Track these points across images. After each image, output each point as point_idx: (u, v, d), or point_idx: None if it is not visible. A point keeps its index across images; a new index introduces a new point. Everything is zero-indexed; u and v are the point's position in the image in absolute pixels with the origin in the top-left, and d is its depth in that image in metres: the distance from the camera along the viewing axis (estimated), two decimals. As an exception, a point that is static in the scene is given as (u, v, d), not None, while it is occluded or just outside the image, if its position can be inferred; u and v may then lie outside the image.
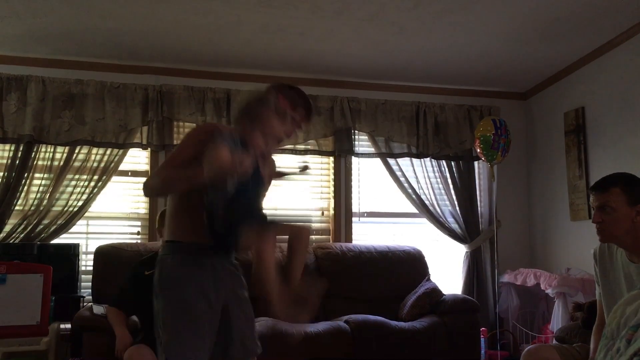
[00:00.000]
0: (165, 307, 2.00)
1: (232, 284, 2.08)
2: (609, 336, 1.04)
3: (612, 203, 2.30)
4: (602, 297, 2.49)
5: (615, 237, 2.35)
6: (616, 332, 1.02)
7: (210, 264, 2.02)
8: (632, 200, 2.30)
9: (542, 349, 2.60)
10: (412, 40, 4.21)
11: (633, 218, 2.29)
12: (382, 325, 3.73)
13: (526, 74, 4.92)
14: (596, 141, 4.45)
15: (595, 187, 2.39)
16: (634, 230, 2.30)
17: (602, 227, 2.34)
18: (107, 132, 4.32)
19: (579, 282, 4.19)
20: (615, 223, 2.30)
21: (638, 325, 0.95)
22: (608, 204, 2.31)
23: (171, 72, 4.55)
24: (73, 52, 4.27)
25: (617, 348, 0.97)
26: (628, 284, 2.35)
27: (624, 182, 2.34)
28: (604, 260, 2.50)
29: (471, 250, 4.97)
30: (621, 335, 0.98)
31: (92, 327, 3.32)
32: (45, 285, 3.56)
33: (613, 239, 2.37)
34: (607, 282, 2.47)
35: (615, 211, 2.29)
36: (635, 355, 0.88)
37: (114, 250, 3.99)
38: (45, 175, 4.24)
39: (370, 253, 4.43)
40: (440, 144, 4.97)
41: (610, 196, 2.31)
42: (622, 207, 2.29)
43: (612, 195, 2.31)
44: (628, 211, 2.29)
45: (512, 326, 4.82)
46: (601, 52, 4.36)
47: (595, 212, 2.36)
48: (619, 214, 2.29)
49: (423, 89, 5.05)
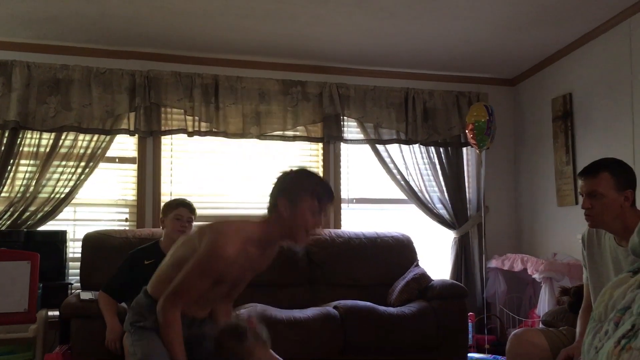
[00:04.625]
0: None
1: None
2: (596, 319, 1.05)
3: (601, 189, 2.30)
4: (589, 281, 2.51)
5: (605, 223, 2.35)
6: (604, 315, 1.03)
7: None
8: (620, 186, 2.31)
9: (529, 333, 2.63)
10: (402, 26, 4.20)
11: (621, 203, 2.30)
12: (371, 311, 3.75)
13: (514, 60, 4.93)
14: (583, 127, 4.48)
15: (584, 172, 2.39)
16: (622, 215, 2.31)
17: (591, 213, 2.34)
18: (94, 118, 4.28)
19: (566, 267, 4.23)
20: (605, 209, 2.30)
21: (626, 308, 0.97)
22: (597, 189, 2.31)
23: (158, 57, 4.51)
24: (58, 36, 4.21)
25: (605, 331, 0.98)
26: (616, 268, 2.37)
27: (612, 167, 2.34)
28: (592, 244, 2.51)
29: (459, 236, 5.00)
30: (609, 318, 1.00)
31: (80, 314, 3.30)
32: (32, 273, 3.52)
33: (602, 224, 2.37)
34: (594, 266, 2.49)
35: (604, 197, 2.30)
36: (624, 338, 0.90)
37: (102, 237, 3.98)
38: (31, 162, 4.20)
39: (359, 239, 4.44)
40: (428, 130, 4.97)
41: (599, 182, 2.31)
42: (611, 193, 2.30)
43: (601, 181, 2.31)
44: (616, 196, 2.30)
45: (499, 311, 4.87)
46: (588, 38, 4.37)
47: (585, 198, 2.36)
48: (607, 199, 2.30)
49: (412, 75, 5.04)
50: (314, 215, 2.01)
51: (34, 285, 3.52)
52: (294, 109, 4.70)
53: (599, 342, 0.98)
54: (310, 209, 2.00)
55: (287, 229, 2.04)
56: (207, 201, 4.48)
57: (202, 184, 4.58)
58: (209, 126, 4.52)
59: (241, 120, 4.55)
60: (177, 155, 4.61)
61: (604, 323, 1.03)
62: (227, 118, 4.54)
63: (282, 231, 2.06)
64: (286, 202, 2.01)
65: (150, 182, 4.50)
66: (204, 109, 4.49)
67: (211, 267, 2.02)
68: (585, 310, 2.54)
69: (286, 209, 2.01)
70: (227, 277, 2.10)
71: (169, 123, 4.49)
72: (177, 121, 4.50)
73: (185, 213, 3.36)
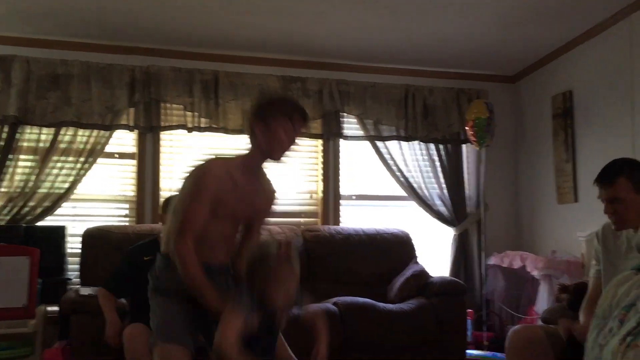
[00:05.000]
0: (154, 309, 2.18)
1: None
2: (600, 316, 1.05)
3: (621, 194, 2.33)
4: (603, 276, 2.52)
5: (630, 222, 2.38)
6: (608, 313, 1.03)
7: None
8: (638, 187, 2.33)
9: (528, 329, 2.64)
10: (402, 23, 4.19)
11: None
12: (371, 308, 3.75)
13: (515, 57, 4.92)
14: (583, 124, 4.47)
15: (601, 180, 2.41)
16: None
17: (616, 219, 2.37)
18: (93, 113, 4.27)
19: (565, 264, 4.23)
20: (627, 211, 2.33)
21: (630, 305, 0.97)
22: (617, 196, 2.34)
23: (158, 52, 4.50)
24: (58, 31, 4.20)
25: (610, 328, 0.98)
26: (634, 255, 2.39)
27: (627, 170, 2.36)
28: (607, 238, 2.54)
29: (459, 233, 5.00)
30: (613, 315, 1.00)
31: (79, 309, 3.31)
32: (32, 268, 3.54)
33: (627, 225, 2.40)
34: (609, 261, 2.51)
35: (625, 201, 2.33)
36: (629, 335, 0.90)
37: (102, 233, 3.97)
38: (30, 157, 4.20)
39: (359, 235, 4.44)
40: (428, 127, 4.97)
41: (618, 188, 2.33)
42: (630, 195, 2.33)
43: (619, 186, 2.33)
44: (636, 197, 2.33)
45: (498, 308, 4.87)
46: (589, 36, 4.36)
47: (606, 204, 2.38)
48: (628, 202, 2.33)
49: (412, 72, 5.03)
50: (288, 133, 2.14)
51: (33, 281, 3.54)
52: (294, 105, 4.68)
53: (603, 339, 0.99)
54: (284, 128, 2.13)
55: (265, 150, 2.17)
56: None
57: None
58: (208, 122, 4.51)
59: (241, 117, 4.54)
60: (176, 151, 4.60)
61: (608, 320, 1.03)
62: (227, 114, 4.53)
63: (262, 153, 2.18)
64: (261, 126, 2.14)
65: (150, 177, 4.49)
66: (204, 104, 4.48)
67: (203, 187, 2.08)
68: (590, 301, 2.55)
69: (262, 132, 2.14)
70: (223, 206, 2.12)
71: (168, 119, 4.49)
72: (177, 117, 4.50)
73: None
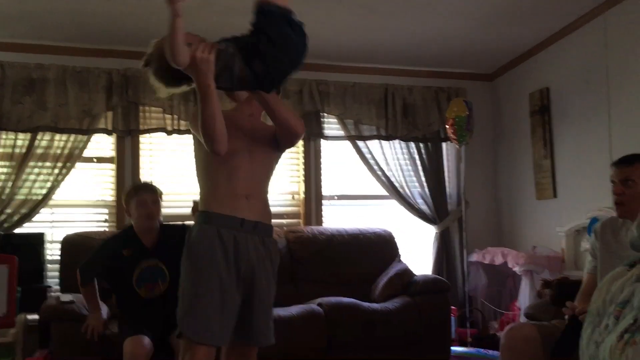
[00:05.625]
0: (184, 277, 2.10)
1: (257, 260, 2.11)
2: (594, 313, 1.06)
3: (635, 176, 2.40)
4: (600, 270, 2.55)
5: (633, 211, 2.41)
6: (602, 309, 1.04)
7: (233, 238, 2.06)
8: None
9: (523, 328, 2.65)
10: (381, 22, 4.20)
11: None
12: (355, 307, 3.76)
13: (492, 56, 4.97)
14: (561, 121, 4.53)
15: (620, 161, 2.50)
16: None
17: (622, 200, 2.43)
18: (70, 117, 4.21)
19: (545, 259, 4.28)
20: (636, 197, 2.39)
21: (625, 302, 0.98)
22: (630, 177, 2.41)
23: (136, 55, 4.36)
24: (33, 35, 4.13)
25: (606, 325, 0.99)
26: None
27: None
28: (606, 234, 2.58)
29: (440, 231, 5.03)
30: (608, 312, 1.00)
31: (59, 316, 3.25)
32: (10, 276, 3.47)
33: (630, 213, 2.44)
34: (607, 256, 2.54)
35: (637, 185, 2.39)
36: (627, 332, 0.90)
37: (81, 239, 3.90)
38: (6, 163, 4.12)
39: (342, 236, 4.44)
40: (408, 126, 4.99)
41: (635, 170, 2.41)
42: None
43: (636, 169, 2.41)
44: None
45: (480, 304, 4.91)
46: (564, 33, 4.42)
47: (617, 184, 2.45)
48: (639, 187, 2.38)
49: (391, 71, 5.05)
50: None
51: (12, 289, 3.46)
52: (274, 106, 4.67)
53: (599, 337, 0.99)
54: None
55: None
56: (188, 199, 4.42)
57: (182, 182, 4.53)
58: (188, 124, 4.46)
59: (221, 118, 4.50)
60: (156, 154, 4.56)
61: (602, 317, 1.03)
62: (206, 116, 4.48)
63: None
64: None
65: (130, 181, 4.43)
66: (183, 107, 4.44)
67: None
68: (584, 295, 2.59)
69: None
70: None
71: (147, 122, 4.44)
72: (156, 120, 4.45)
73: (148, 197, 3.10)
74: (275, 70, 2.01)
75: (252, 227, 2.09)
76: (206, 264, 2.04)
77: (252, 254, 2.09)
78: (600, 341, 0.98)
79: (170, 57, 1.97)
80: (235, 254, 2.05)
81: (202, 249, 2.06)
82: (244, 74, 2.00)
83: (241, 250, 2.06)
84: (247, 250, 2.07)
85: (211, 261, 2.04)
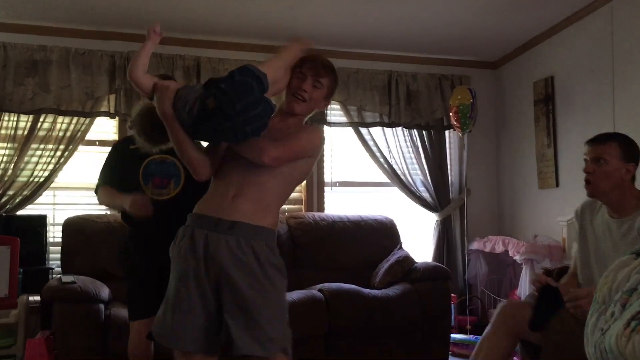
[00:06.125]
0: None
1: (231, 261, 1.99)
2: (600, 301, 1.06)
3: (607, 155, 2.38)
4: (579, 254, 2.58)
5: (602, 192, 2.42)
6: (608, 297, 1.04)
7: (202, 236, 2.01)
8: (625, 157, 2.39)
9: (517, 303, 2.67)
10: (385, 9, 4.17)
11: (622, 175, 2.38)
12: (356, 294, 3.77)
13: (497, 43, 4.94)
14: (565, 110, 4.51)
15: (593, 139, 2.48)
16: (621, 187, 2.39)
17: (592, 179, 2.41)
18: (73, 100, 4.19)
19: (546, 248, 4.29)
20: (605, 176, 2.37)
21: (632, 289, 0.98)
22: (603, 156, 2.39)
23: (139, 38, 4.32)
24: (36, 16, 4.11)
25: (612, 312, 0.99)
26: (605, 239, 2.45)
27: (621, 139, 2.45)
28: (585, 218, 2.58)
29: (441, 218, 5.03)
30: (615, 299, 1.01)
31: (61, 297, 3.25)
32: (12, 257, 3.49)
33: (600, 193, 2.44)
34: (584, 238, 2.56)
35: (608, 164, 2.38)
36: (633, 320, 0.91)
37: (82, 222, 3.92)
38: (8, 145, 4.11)
39: (343, 222, 4.44)
40: (412, 113, 4.97)
41: (607, 149, 2.40)
42: (615, 161, 2.38)
43: (608, 148, 2.40)
44: (620, 166, 2.38)
45: (480, 292, 4.93)
46: (570, 21, 4.39)
47: (589, 163, 2.44)
48: (610, 167, 2.37)
49: (395, 58, 5.02)
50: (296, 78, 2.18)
51: (14, 271, 3.48)
52: (277, 91, 4.65)
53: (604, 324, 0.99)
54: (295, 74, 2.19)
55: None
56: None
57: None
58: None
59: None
60: (158, 138, 4.54)
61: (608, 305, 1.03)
62: (209, 100, 4.47)
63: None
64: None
65: (132, 165, 4.43)
66: (186, 91, 4.42)
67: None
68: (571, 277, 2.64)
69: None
70: None
71: (149, 105, 4.42)
72: (159, 103, 4.43)
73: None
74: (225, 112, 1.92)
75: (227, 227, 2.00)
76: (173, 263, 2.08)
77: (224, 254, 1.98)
78: (606, 329, 0.98)
79: (128, 70, 2.10)
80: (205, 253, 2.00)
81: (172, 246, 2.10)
82: (195, 107, 1.98)
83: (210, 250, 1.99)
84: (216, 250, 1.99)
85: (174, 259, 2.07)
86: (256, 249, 2.01)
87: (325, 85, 2.20)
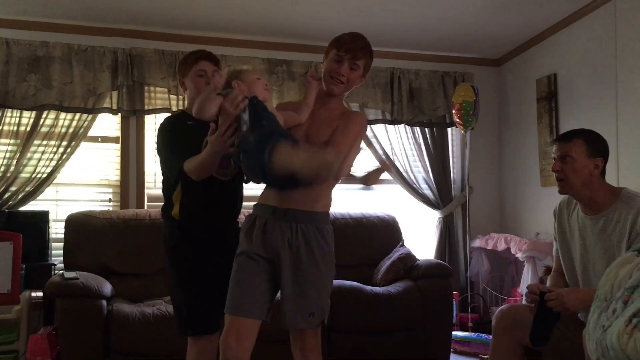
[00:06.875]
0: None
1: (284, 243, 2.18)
2: (602, 298, 1.06)
3: (573, 153, 2.39)
4: (560, 253, 2.59)
5: (573, 189, 2.43)
6: (610, 294, 1.04)
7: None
8: (592, 153, 2.40)
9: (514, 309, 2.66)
10: (388, 5, 4.17)
11: (591, 171, 2.39)
12: (358, 291, 3.77)
13: (499, 40, 4.93)
14: (568, 108, 4.50)
15: (559, 137, 2.51)
16: (590, 183, 2.40)
17: (562, 177, 2.42)
18: (76, 96, 4.20)
19: (548, 246, 4.26)
20: (574, 173, 2.38)
21: (634, 287, 0.97)
22: (569, 153, 2.40)
23: (141, 34, 4.42)
24: (39, 12, 4.11)
25: (614, 309, 0.99)
26: (582, 237, 2.46)
27: (586, 135, 2.45)
28: (562, 216, 2.60)
29: (444, 216, 5.03)
30: (616, 297, 1.00)
31: (64, 293, 3.25)
32: (15, 253, 3.49)
33: (571, 190, 2.45)
34: (563, 238, 2.57)
35: (575, 161, 2.38)
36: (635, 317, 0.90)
37: (85, 218, 3.93)
38: (11, 141, 4.12)
39: (345, 219, 4.44)
40: (414, 111, 4.97)
41: (572, 146, 2.40)
42: (582, 158, 2.39)
43: (573, 145, 2.40)
44: (587, 162, 2.38)
45: (482, 290, 4.92)
46: (573, 19, 4.38)
47: (556, 161, 2.45)
48: (578, 164, 2.38)
49: (398, 55, 5.02)
50: (334, 62, 2.31)
51: (16, 266, 3.49)
52: (279, 88, 4.66)
53: (606, 321, 0.99)
54: (332, 57, 2.31)
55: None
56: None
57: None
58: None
59: (226, 99, 4.49)
60: (161, 135, 4.54)
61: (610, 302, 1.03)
62: (211, 97, 4.47)
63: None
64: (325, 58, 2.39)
65: (134, 162, 4.44)
66: (188, 87, 4.42)
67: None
68: (555, 275, 2.65)
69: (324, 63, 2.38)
70: None
71: (152, 102, 4.43)
72: (161, 100, 4.44)
73: (209, 67, 2.52)
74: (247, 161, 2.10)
75: (282, 214, 2.20)
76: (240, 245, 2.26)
77: (278, 238, 2.18)
78: (607, 326, 0.98)
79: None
80: (263, 238, 2.19)
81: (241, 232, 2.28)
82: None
83: (267, 234, 2.19)
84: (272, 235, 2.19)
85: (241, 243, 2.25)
86: (306, 233, 2.19)
87: (361, 65, 2.31)
